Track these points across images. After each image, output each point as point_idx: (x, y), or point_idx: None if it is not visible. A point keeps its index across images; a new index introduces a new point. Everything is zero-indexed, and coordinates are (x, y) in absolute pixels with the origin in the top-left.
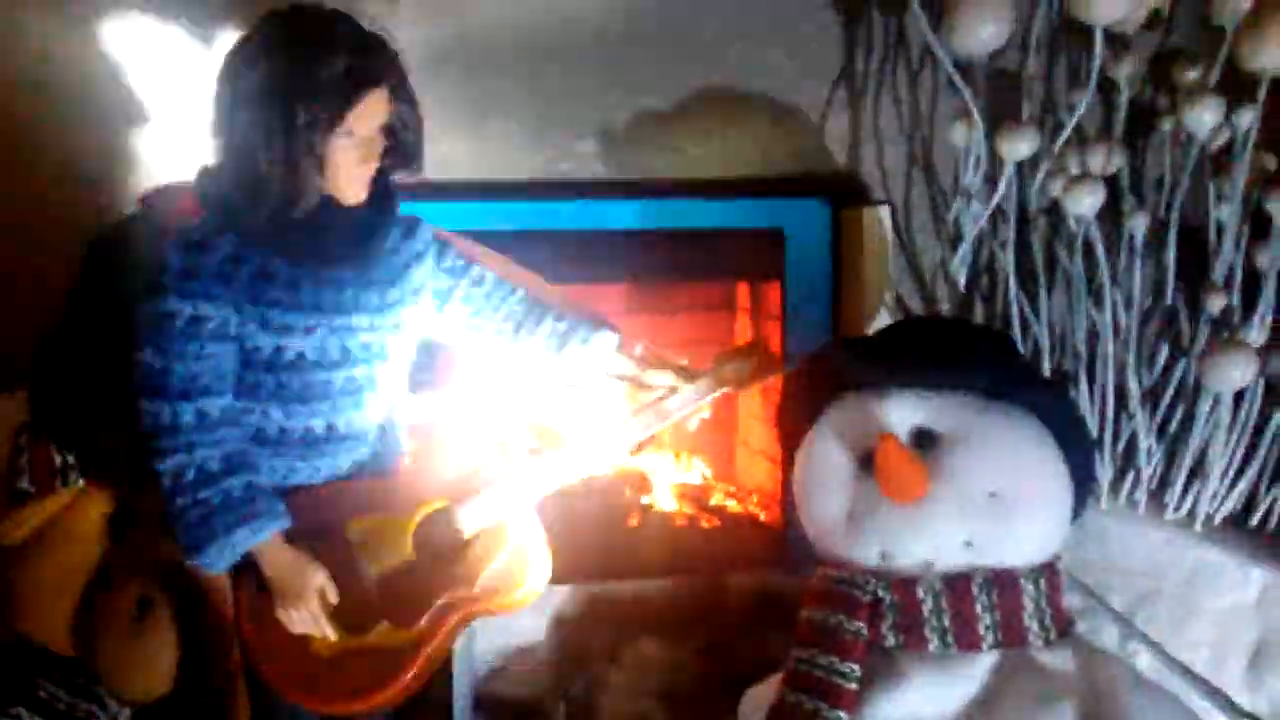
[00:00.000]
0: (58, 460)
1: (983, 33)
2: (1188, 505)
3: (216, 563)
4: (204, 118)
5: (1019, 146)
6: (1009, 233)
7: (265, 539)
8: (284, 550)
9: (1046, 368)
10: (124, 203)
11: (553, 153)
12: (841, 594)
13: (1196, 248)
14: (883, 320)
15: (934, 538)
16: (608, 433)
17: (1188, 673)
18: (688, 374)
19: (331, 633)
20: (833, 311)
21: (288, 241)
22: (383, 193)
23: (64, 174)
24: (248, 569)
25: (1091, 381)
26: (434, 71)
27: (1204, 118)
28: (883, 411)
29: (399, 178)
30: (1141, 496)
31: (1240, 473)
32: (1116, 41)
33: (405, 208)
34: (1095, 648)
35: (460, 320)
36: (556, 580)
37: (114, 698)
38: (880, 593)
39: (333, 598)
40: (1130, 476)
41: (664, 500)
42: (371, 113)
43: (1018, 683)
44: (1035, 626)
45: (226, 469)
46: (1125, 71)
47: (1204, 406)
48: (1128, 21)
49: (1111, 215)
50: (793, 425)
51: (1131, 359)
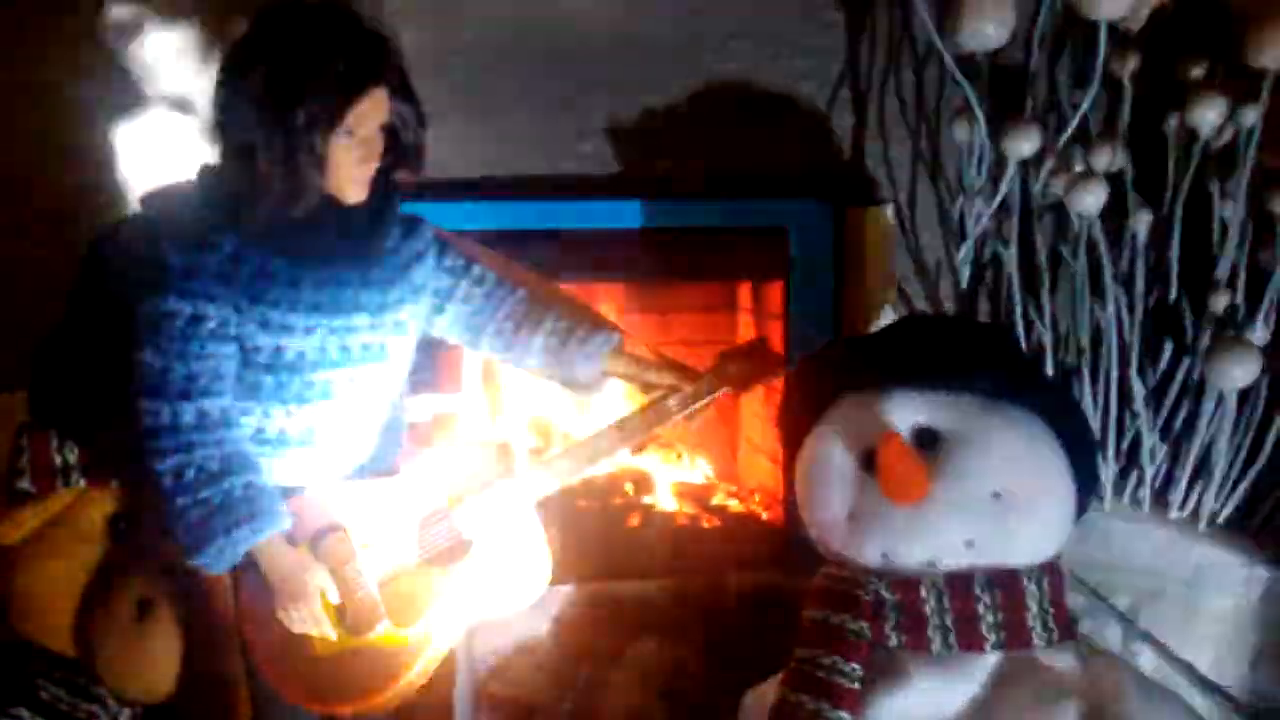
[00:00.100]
0: (58, 461)
1: (986, 30)
2: (1191, 504)
3: (216, 563)
4: (205, 117)
5: (1022, 144)
6: (1012, 231)
7: (265, 539)
8: (284, 550)
9: (1050, 366)
10: (124, 203)
11: (554, 152)
12: (844, 594)
13: (1200, 246)
14: (885, 319)
15: (936, 538)
16: (609, 432)
17: (1191, 672)
18: (689, 374)
19: (332, 632)
20: (835, 311)
21: (288, 241)
22: (383, 192)
23: (64, 173)
24: (248, 569)
25: (1095, 380)
26: (435, 71)
27: (1208, 116)
28: (885, 411)
29: (400, 177)
30: (1145, 495)
31: (1244, 472)
32: (1120, 38)
33: (406, 207)
34: (1098, 647)
35: (461, 320)
36: (557, 580)
37: (115, 698)
38: (883, 593)
39: (333, 598)
40: (1134, 475)
41: (665, 500)
42: (372, 112)
43: (1020, 683)
44: (1038, 626)
45: (226, 469)
46: (1129, 69)
47: (1208, 405)
48: (1132, 18)
49: (1115, 213)
50: (794, 425)
51: (1135, 358)
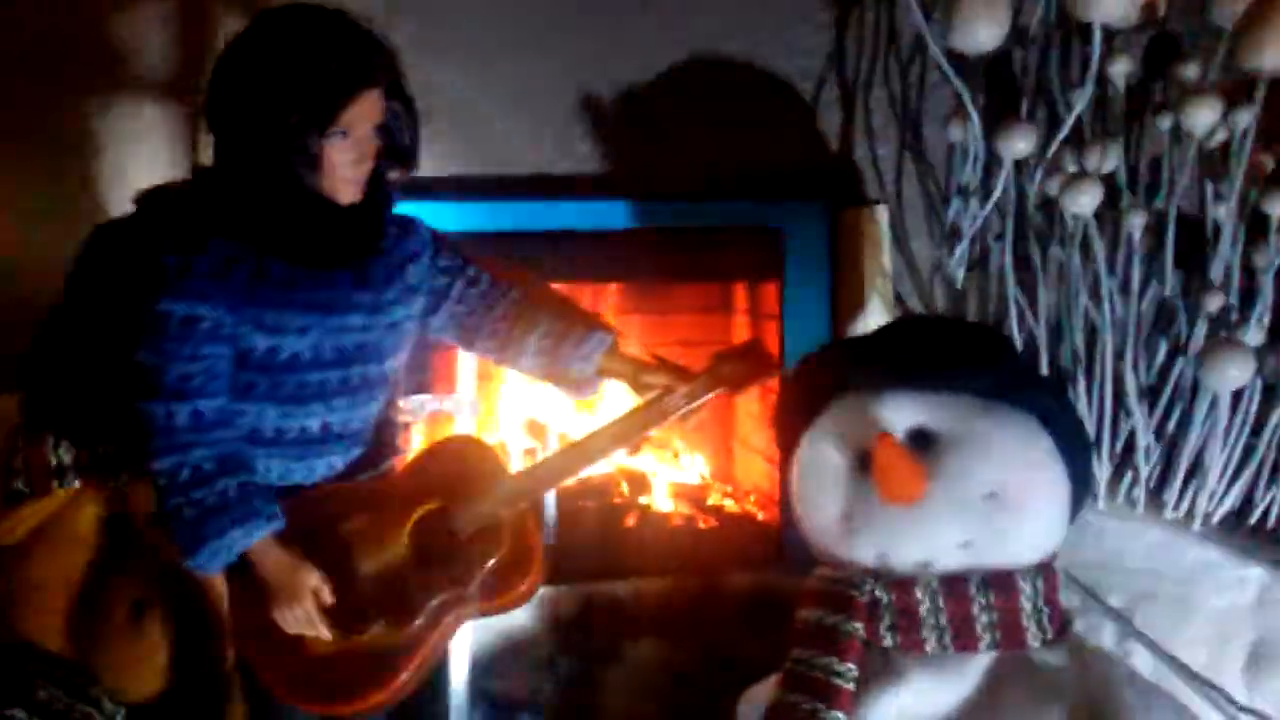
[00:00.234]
0: (53, 462)
1: (981, 31)
2: (1186, 504)
3: (211, 564)
4: (199, 117)
5: (1016, 144)
6: (1006, 230)
7: (260, 540)
8: (279, 551)
9: (1044, 366)
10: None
11: (550, 152)
12: (839, 594)
13: (1194, 246)
14: (880, 320)
15: (931, 538)
16: (604, 433)
17: (1186, 671)
18: (684, 375)
19: (327, 633)
20: (830, 312)
21: (283, 241)
22: (378, 192)
23: (63, 173)
24: (243, 570)
25: (1089, 380)
26: (430, 70)
27: (1202, 116)
28: (880, 412)
29: (394, 177)
30: (1140, 495)
31: (1238, 472)
32: (1114, 38)
33: (401, 207)
34: (1093, 647)
35: (455, 320)
36: (555, 580)
37: (111, 698)
38: (878, 593)
39: (327, 598)
40: (1128, 475)
41: (662, 500)
42: (366, 112)
43: (1015, 683)
44: (1033, 626)
45: (221, 470)
46: (1123, 69)
47: (1202, 405)
48: (1125, 19)
49: (1109, 213)
50: (790, 425)
51: (1129, 358)
